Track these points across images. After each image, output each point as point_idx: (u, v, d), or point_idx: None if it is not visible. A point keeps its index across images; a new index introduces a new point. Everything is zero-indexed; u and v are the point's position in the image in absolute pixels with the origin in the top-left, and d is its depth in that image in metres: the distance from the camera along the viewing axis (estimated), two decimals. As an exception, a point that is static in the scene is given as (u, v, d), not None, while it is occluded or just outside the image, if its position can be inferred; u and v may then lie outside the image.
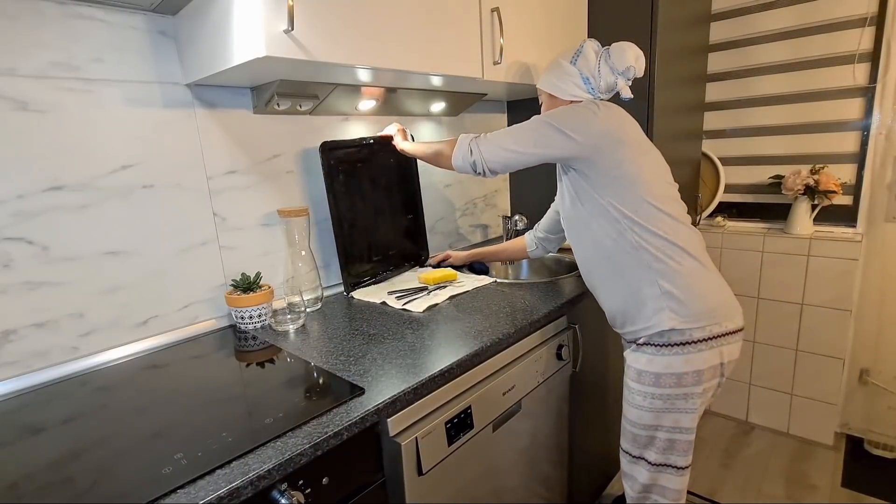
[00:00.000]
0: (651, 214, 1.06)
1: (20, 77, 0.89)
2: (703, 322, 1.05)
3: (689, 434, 1.12)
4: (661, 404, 1.10)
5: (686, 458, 1.15)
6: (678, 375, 1.07)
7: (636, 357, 1.13)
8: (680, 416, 1.10)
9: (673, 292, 1.05)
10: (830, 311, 1.89)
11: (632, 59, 1.14)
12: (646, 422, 1.14)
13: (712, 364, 1.07)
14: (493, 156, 1.13)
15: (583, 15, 1.69)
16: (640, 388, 1.13)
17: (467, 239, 1.95)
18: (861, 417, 1.99)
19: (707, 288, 1.07)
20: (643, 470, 1.18)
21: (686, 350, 1.05)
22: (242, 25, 0.87)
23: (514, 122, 2.01)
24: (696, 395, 1.08)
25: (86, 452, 0.70)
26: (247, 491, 0.62)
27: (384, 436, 0.82)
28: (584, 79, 1.16)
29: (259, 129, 1.25)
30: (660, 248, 1.06)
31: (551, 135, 1.08)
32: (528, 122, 1.13)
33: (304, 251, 1.28)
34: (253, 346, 1.09)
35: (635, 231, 1.06)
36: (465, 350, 0.97)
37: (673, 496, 1.16)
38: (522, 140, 1.11)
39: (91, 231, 1.00)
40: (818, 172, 1.84)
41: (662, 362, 1.08)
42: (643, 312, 1.09)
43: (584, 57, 1.17)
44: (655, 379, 1.09)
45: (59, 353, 0.98)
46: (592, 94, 1.17)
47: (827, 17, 1.82)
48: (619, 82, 1.16)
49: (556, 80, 1.20)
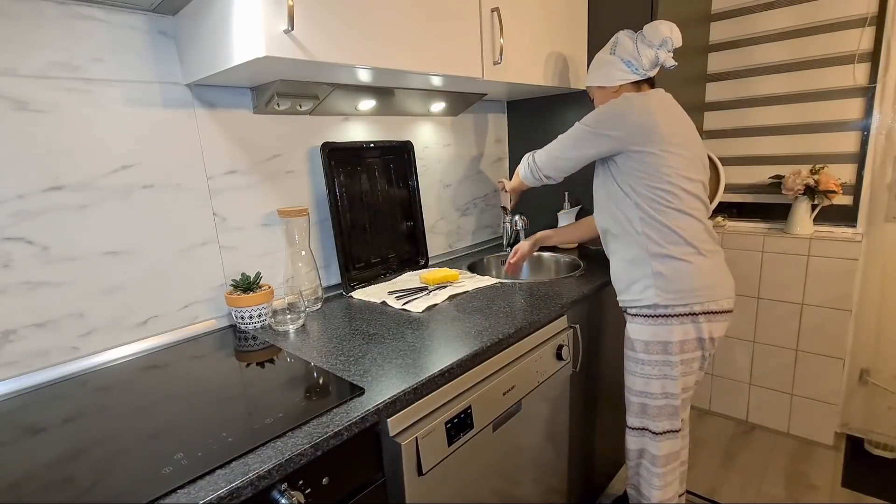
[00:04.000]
0: (661, 205, 1.16)
1: (20, 77, 0.89)
2: (687, 300, 1.17)
3: (675, 400, 1.25)
4: (651, 370, 1.24)
5: (671, 423, 1.28)
6: (664, 343, 1.21)
7: (630, 328, 1.28)
8: (666, 383, 1.24)
9: (662, 273, 1.18)
10: (830, 311, 1.89)
11: (666, 31, 1.22)
12: (638, 388, 1.28)
13: (692, 337, 1.20)
14: (545, 165, 1.32)
15: (583, 15, 1.69)
16: (632, 355, 1.28)
17: (467, 239, 1.95)
18: (861, 417, 1.99)
19: (695, 272, 1.18)
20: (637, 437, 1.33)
21: (669, 322, 1.19)
22: (242, 25, 0.87)
23: (514, 123, 2.04)
24: (679, 364, 1.21)
25: (86, 452, 0.70)
26: (247, 491, 0.62)
27: (384, 436, 0.82)
28: (626, 62, 1.26)
29: (259, 129, 1.25)
30: (661, 235, 1.17)
31: (589, 139, 1.21)
32: (571, 130, 1.27)
33: (304, 251, 1.28)
34: (253, 346, 1.09)
35: (643, 219, 1.18)
36: (465, 350, 0.97)
37: (661, 462, 1.30)
38: (566, 148, 1.27)
39: (91, 231, 1.00)
40: (818, 172, 1.84)
41: (650, 331, 1.22)
42: (634, 287, 1.23)
43: (620, 45, 1.27)
44: (645, 346, 1.24)
45: (59, 353, 0.98)
46: (638, 74, 1.26)
47: (827, 17, 1.82)
48: (661, 54, 1.24)
49: (601, 72, 1.30)
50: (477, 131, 1.93)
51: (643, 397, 1.27)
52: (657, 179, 1.16)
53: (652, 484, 1.32)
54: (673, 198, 1.16)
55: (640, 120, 1.15)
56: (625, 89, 1.27)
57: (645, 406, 1.28)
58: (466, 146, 1.89)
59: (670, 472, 1.31)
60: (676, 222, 1.17)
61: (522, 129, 2.02)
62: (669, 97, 1.25)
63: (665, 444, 1.28)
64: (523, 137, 2.02)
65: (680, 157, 1.16)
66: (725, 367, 2.21)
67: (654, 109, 1.17)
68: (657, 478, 1.31)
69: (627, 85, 1.27)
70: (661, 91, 1.25)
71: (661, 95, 1.23)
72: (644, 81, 1.28)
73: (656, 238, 1.17)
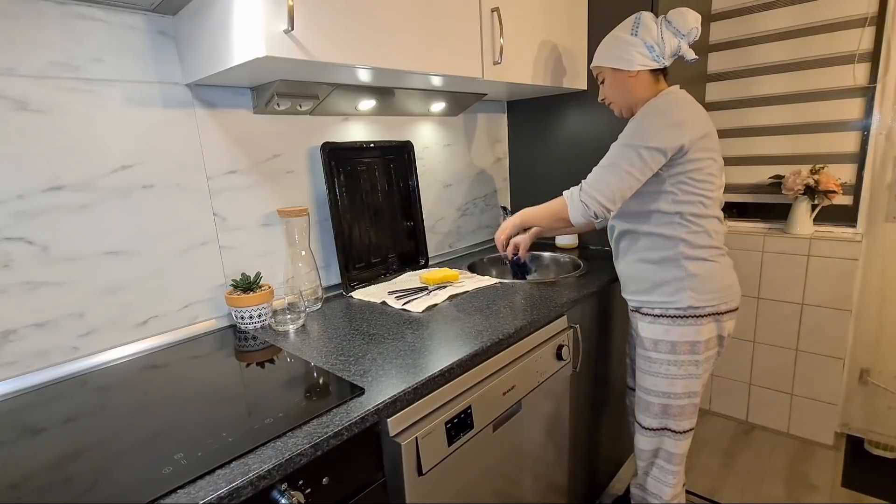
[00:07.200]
0: (699, 209, 1.16)
1: (20, 77, 0.89)
2: (714, 301, 1.18)
3: (696, 398, 1.26)
4: (676, 370, 1.22)
5: (692, 422, 1.28)
6: (692, 343, 1.20)
7: (652, 329, 1.24)
8: (690, 382, 1.23)
9: (697, 274, 1.17)
10: (830, 311, 1.89)
11: (694, 22, 1.16)
12: (661, 389, 1.25)
13: (715, 335, 1.21)
14: (607, 200, 1.13)
15: (583, 15, 1.69)
16: (657, 357, 1.24)
17: (467, 239, 1.95)
18: (861, 417, 1.99)
19: (720, 273, 1.19)
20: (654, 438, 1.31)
21: (699, 322, 1.18)
22: (242, 25, 0.87)
23: (514, 123, 2.04)
24: (703, 362, 1.21)
25: (86, 452, 0.70)
26: (247, 491, 0.62)
27: (384, 436, 0.82)
28: (649, 47, 1.17)
29: (259, 129, 1.25)
30: (697, 238, 1.17)
31: (648, 156, 1.10)
32: (619, 154, 1.12)
33: (304, 251, 1.28)
34: (253, 346, 1.09)
35: (681, 223, 1.16)
36: (465, 350, 0.97)
37: (678, 460, 1.30)
38: (625, 176, 1.11)
39: (91, 231, 1.00)
40: (818, 172, 1.84)
41: (678, 332, 1.20)
42: (663, 289, 1.20)
43: (644, 27, 1.17)
44: (672, 347, 1.21)
45: (59, 353, 0.98)
46: (658, 62, 1.18)
47: (827, 17, 1.82)
48: (683, 45, 1.18)
49: (619, 53, 1.19)
50: (477, 131, 1.93)
51: (666, 398, 1.25)
52: (700, 186, 1.14)
53: (666, 482, 1.31)
54: (711, 203, 1.16)
55: (683, 131, 1.09)
56: (643, 78, 1.19)
57: (667, 407, 1.26)
58: (466, 146, 1.89)
59: (683, 470, 1.32)
60: (710, 225, 1.17)
61: (522, 129, 2.02)
62: (691, 97, 1.20)
63: (685, 442, 1.28)
64: (523, 137, 2.02)
65: (715, 163, 1.16)
66: (725, 367, 2.21)
67: (687, 115, 1.12)
68: (672, 475, 1.30)
69: (645, 73, 1.19)
70: (684, 91, 1.19)
71: (688, 96, 1.18)
72: (661, 72, 1.21)
73: (693, 240, 1.16)
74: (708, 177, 1.15)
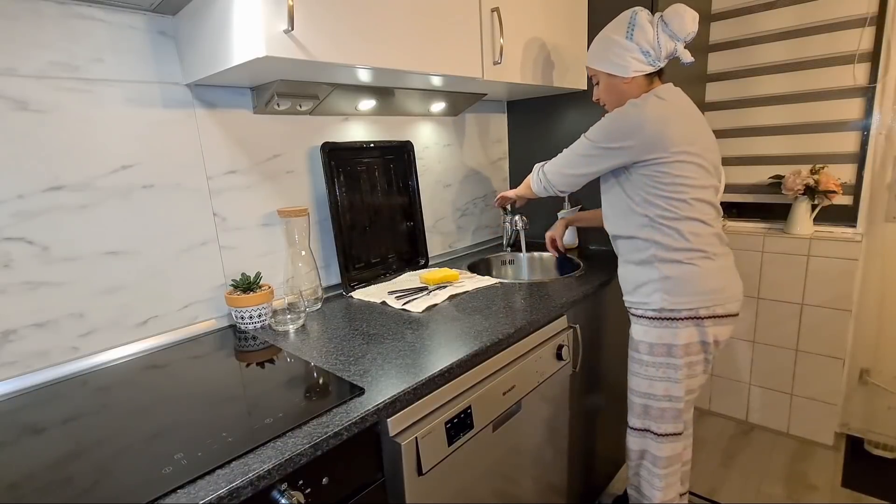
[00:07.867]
0: (670, 213, 1.14)
1: (20, 77, 0.89)
2: (693, 304, 1.16)
3: (679, 403, 1.24)
4: (655, 372, 1.23)
5: (675, 426, 1.27)
6: (668, 346, 1.20)
7: (635, 329, 1.27)
8: (670, 385, 1.23)
9: (669, 277, 1.17)
10: (830, 311, 1.89)
11: (691, 24, 1.14)
12: (642, 389, 1.27)
13: (697, 340, 1.19)
14: (557, 180, 1.29)
15: (583, 15, 1.69)
16: (637, 357, 1.27)
17: (467, 239, 1.95)
18: (861, 417, 1.99)
19: (700, 276, 1.16)
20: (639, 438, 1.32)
21: (674, 325, 1.18)
22: (242, 25, 0.87)
23: (514, 123, 2.04)
24: (683, 367, 1.20)
25: (86, 452, 0.70)
26: (247, 491, 0.62)
27: (384, 436, 0.82)
28: (645, 52, 1.15)
29: (259, 129, 1.25)
30: (669, 240, 1.16)
31: (600, 154, 1.17)
32: (579, 145, 1.23)
33: (304, 251, 1.28)
34: (253, 346, 1.09)
35: (651, 225, 1.17)
36: (464, 350, 0.97)
37: (662, 464, 1.30)
38: (576, 165, 1.23)
39: (91, 231, 1.00)
40: (818, 172, 1.84)
41: (655, 333, 1.21)
42: (641, 290, 1.22)
43: (640, 29, 1.14)
44: (649, 348, 1.23)
45: (59, 353, 0.98)
46: (653, 66, 1.17)
47: (827, 17, 1.82)
48: (679, 48, 1.17)
49: (614, 58, 1.18)
50: (477, 131, 1.93)
51: (646, 399, 1.27)
52: (667, 189, 1.12)
53: (653, 485, 1.32)
54: (683, 205, 1.13)
55: (653, 130, 1.10)
56: (637, 82, 1.19)
57: (647, 407, 1.27)
58: (466, 146, 1.89)
59: (672, 474, 1.31)
60: (686, 227, 1.14)
61: (522, 129, 2.02)
62: (683, 96, 1.19)
63: (667, 446, 1.28)
64: (523, 137, 2.02)
65: (691, 165, 1.12)
66: (725, 367, 2.21)
67: (668, 116, 1.11)
68: (658, 479, 1.31)
69: (640, 77, 1.18)
70: (674, 90, 1.18)
71: (676, 96, 1.17)
72: (656, 73, 1.20)
73: (665, 243, 1.16)
74: (678, 178, 1.12)
